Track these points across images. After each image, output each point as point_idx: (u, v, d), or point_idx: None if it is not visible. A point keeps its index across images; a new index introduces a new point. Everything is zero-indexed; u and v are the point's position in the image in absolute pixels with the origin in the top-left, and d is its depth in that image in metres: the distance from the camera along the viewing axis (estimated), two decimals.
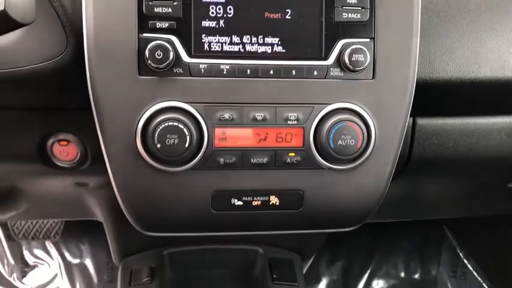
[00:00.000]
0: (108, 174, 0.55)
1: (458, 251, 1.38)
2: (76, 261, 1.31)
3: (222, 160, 0.53)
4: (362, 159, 0.53)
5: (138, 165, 0.52)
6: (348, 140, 0.52)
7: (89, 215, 0.82)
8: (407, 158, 0.66)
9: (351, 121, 0.51)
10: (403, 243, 1.40)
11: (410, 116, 0.56)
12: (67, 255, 1.31)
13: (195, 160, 0.52)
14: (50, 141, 0.61)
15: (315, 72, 0.52)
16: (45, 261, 1.30)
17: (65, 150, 0.63)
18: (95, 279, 1.29)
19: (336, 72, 0.52)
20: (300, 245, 0.90)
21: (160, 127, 0.49)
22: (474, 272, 1.36)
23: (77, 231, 1.32)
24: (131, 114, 0.50)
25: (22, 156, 0.61)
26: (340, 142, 0.52)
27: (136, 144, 0.50)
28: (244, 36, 0.51)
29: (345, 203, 0.58)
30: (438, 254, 1.39)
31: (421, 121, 0.63)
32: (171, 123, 0.49)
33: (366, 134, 0.52)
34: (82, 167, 0.63)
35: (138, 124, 0.50)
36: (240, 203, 0.56)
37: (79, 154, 0.63)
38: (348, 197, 0.58)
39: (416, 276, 1.36)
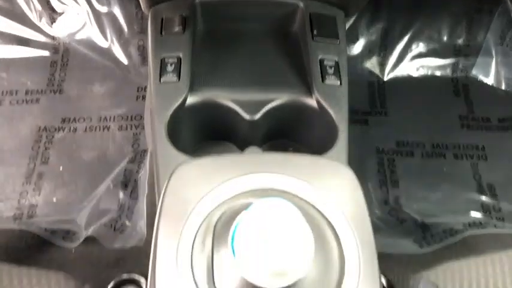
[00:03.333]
0: None
1: None
2: (104, 9, 1.25)
3: None
4: None
5: None
6: None
7: None
8: None
9: None
10: (453, 6, 1.28)
11: None
12: (94, 2, 1.25)
13: None
14: None
15: None
16: (73, 8, 1.25)
17: None
18: (126, 29, 1.25)
19: None
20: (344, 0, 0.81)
21: None
22: None
23: None
24: None
25: None
26: None
27: None
28: None
29: None
30: (489, 20, 1.28)
31: None
32: None
33: None
34: None
35: None
36: None
37: None
38: None
39: (460, 41, 1.29)
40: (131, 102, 1.19)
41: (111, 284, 0.80)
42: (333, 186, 0.49)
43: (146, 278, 0.82)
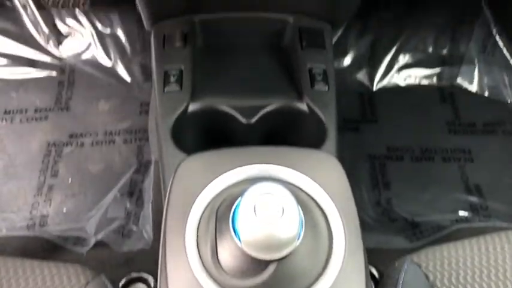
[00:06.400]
0: None
1: (492, 28, 1.35)
2: (107, 31, 1.34)
3: None
4: None
5: None
6: None
7: None
8: None
9: None
10: (436, 18, 1.36)
11: None
12: (98, 25, 1.33)
13: None
14: None
15: None
16: (78, 31, 1.33)
17: None
18: (128, 49, 1.33)
19: None
20: (331, 13, 0.88)
21: None
22: (504, 49, 1.35)
23: (105, 2, 1.31)
24: None
25: None
26: None
27: None
28: None
29: None
30: (470, 31, 1.36)
31: None
32: None
33: None
34: None
35: None
36: None
37: None
38: None
39: (445, 51, 1.36)
40: (135, 117, 1.26)
41: (122, 281, 0.86)
42: (320, 173, 0.56)
43: (154, 277, 0.88)
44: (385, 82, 1.35)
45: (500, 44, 1.34)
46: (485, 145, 1.25)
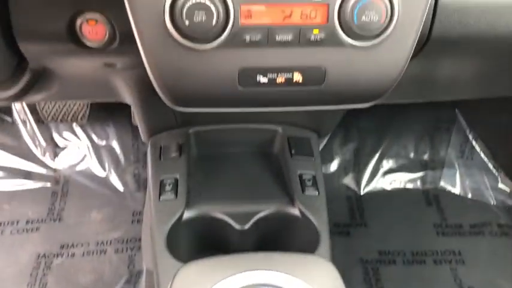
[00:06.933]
0: (135, 55, 0.58)
1: (468, 134, 1.43)
2: (103, 143, 1.39)
3: (247, 37, 0.54)
4: (384, 36, 0.55)
5: (168, 43, 0.54)
6: (372, 16, 0.53)
7: (117, 97, 0.86)
8: (427, 36, 0.67)
9: None
10: (414, 126, 1.45)
11: None
12: (94, 137, 1.39)
13: (221, 37, 0.53)
14: (79, 21, 0.63)
15: None
16: (74, 143, 1.38)
17: (93, 29, 0.65)
18: (122, 159, 1.37)
19: None
20: (317, 124, 0.94)
21: (188, 4, 0.50)
22: (481, 153, 1.42)
23: (102, 115, 1.38)
24: None
25: (53, 35, 0.63)
26: (364, 18, 0.53)
27: (165, 21, 0.52)
28: None
29: (365, 79, 0.60)
30: (448, 136, 1.44)
31: None
32: (198, 0, 0.50)
33: (389, 10, 0.53)
34: (111, 47, 0.66)
35: (166, 1, 0.51)
36: (265, 80, 0.58)
37: (107, 34, 0.65)
38: (368, 74, 0.60)
39: (425, 156, 1.43)
40: (127, 226, 1.27)
41: None
42: (317, 278, 0.57)
43: None
44: (371, 186, 1.39)
45: (477, 148, 1.42)
46: (474, 246, 1.27)
